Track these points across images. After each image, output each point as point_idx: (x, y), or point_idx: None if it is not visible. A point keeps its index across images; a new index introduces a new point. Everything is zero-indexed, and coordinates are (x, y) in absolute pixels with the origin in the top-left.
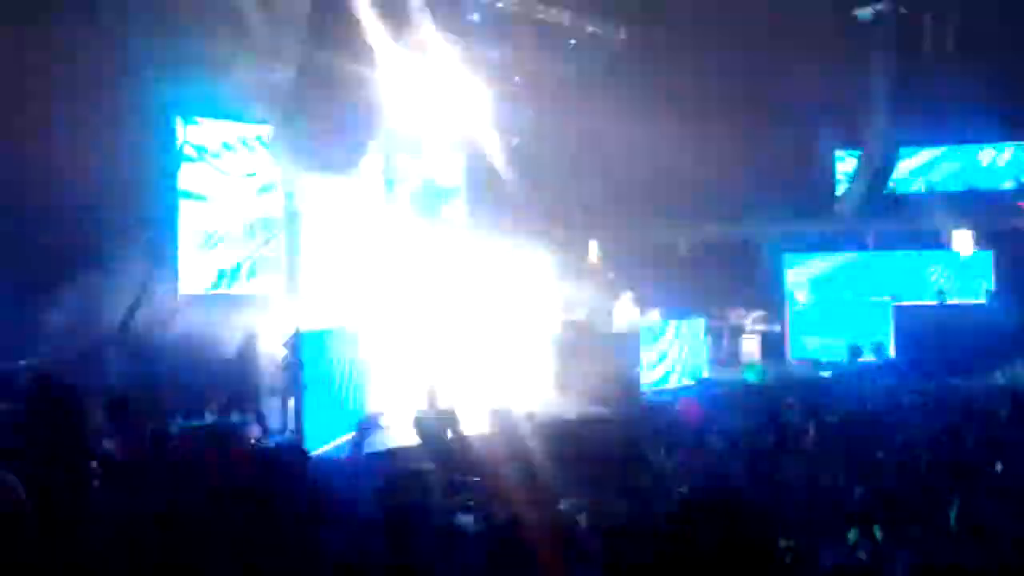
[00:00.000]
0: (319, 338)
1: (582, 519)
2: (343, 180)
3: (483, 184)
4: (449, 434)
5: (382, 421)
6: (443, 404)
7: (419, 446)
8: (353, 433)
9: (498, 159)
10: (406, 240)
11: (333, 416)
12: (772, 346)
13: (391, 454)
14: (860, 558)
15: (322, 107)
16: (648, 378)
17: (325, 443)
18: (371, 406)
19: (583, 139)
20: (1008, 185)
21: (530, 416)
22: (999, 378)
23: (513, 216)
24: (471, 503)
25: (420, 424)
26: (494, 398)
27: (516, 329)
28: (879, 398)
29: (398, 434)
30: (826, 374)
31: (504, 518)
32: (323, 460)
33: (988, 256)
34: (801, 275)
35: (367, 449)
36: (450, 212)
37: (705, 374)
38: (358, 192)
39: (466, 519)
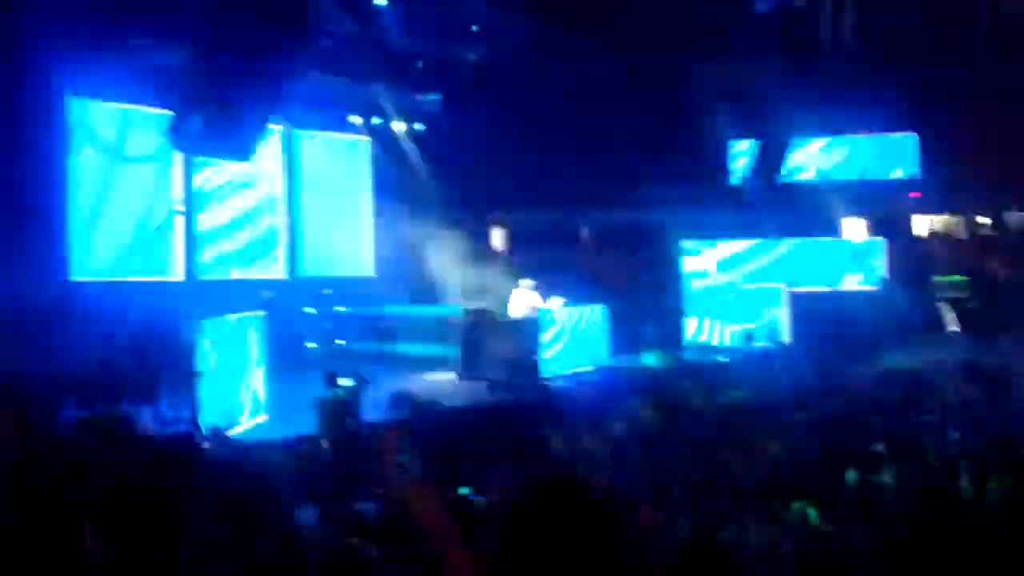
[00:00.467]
0: (220, 325)
1: (481, 504)
2: (241, 165)
3: (389, 170)
4: (348, 421)
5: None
6: (344, 390)
7: (319, 431)
8: (260, 417)
9: (404, 144)
10: (310, 224)
11: (234, 403)
12: (670, 331)
13: (292, 440)
14: (752, 537)
15: (219, 92)
16: (550, 364)
17: (227, 429)
18: (276, 392)
19: (487, 125)
20: (898, 174)
21: (432, 403)
22: (890, 363)
23: (419, 202)
24: (370, 490)
25: (320, 409)
26: (397, 384)
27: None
28: (774, 383)
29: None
30: (723, 359)
31: (402, 504)
32: (224, 446)
33: (880, 244)
34: (698, 262)
35: (268, 435)
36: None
37: (607, 359)
38: (258, 176)
39: (365, 506)
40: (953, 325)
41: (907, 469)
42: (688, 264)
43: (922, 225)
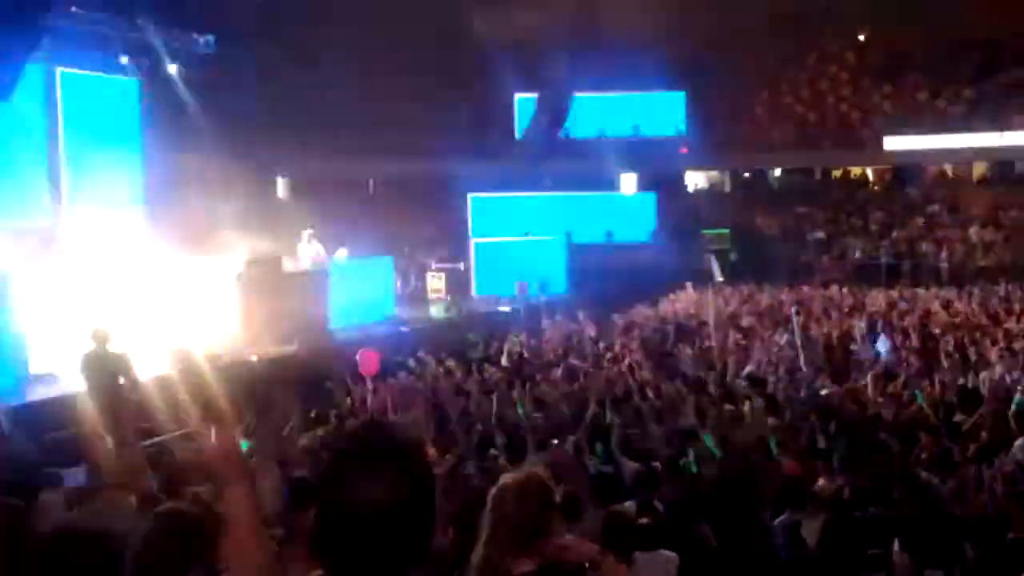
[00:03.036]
0: None
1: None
2: None
3: (163, 117)
4: (121, 379)
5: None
6: (114, 347)
7: (86, 392)
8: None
9: (179, 88)
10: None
11: None
12: (458, 283)
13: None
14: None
15: None
16: (336, 316)
17: None
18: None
19: (267, 69)
20: (670, 132)
21: (213, 357)
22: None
23: (195, 150)
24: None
25: (86, 368)
26: (174, 338)
27: (198, 267)
28: (554, 330)
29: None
30: (505, 309)
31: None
32: None
33: (651, 198)
34: (484, 214)
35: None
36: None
37: (393, 311)
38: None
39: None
40: (718, 275)
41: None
42: (474, 216)
43: (691, 180)
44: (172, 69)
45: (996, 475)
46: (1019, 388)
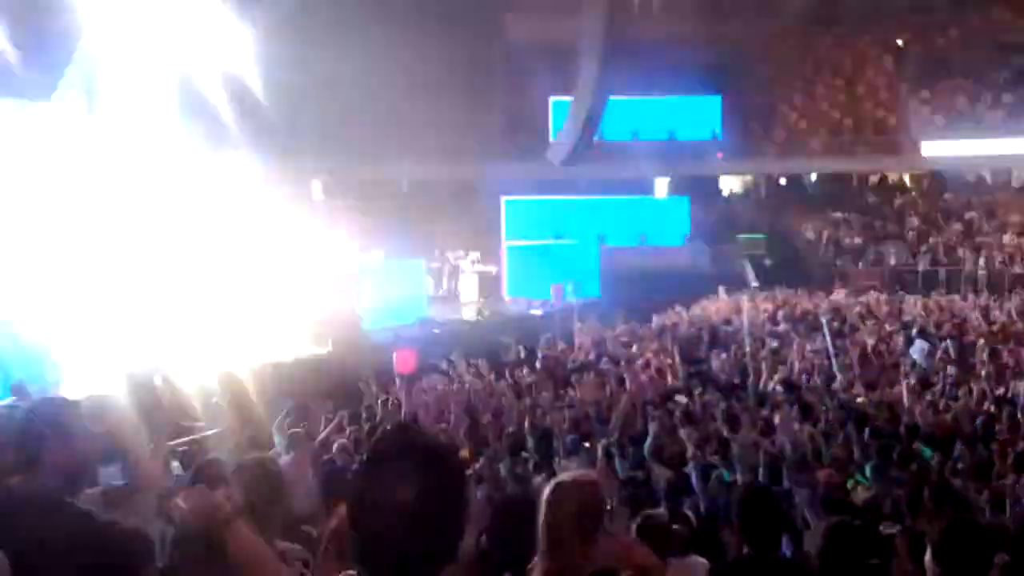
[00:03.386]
0: None
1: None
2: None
3: (199, 114)
4: (158, 381)
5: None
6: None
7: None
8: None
9: (213, 88)
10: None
11: None
12: (490, 285)
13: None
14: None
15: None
16: (369, 317)
17: None
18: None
19: (308, 74)
20: (705, 136)
21: (244, 359)
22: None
23: (233, 149)
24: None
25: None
26: (211, 343)
27: (236, 269)
28: (586, 334)
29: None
30: (536, 312)
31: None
32: None
33: (685, 202)
34: (517, 217)
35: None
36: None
37: (426, 313)
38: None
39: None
40: (753, 280)
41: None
42: (507, 219)
43: (726, 185)
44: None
45: None
46: None
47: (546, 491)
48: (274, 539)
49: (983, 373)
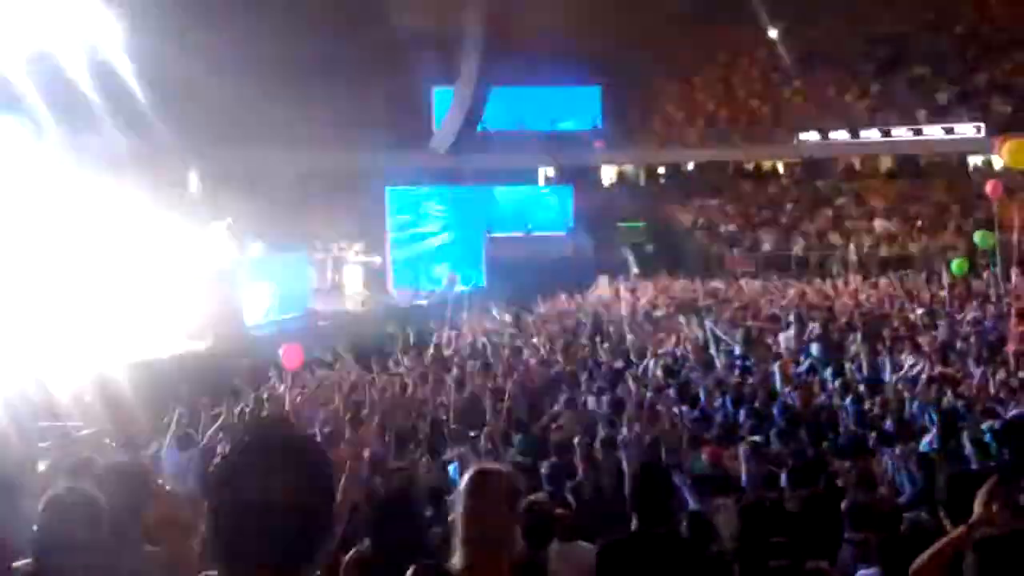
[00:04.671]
0: None
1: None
2: None
3: (63, 105)
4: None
5: None
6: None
7: None
8: None
9: (82, 78)
10: None
11: None
12: (375, 276)
13: None
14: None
15: None
16: (251, 311)
17: None
18: None
19: (180, 60)
20: (586, 126)
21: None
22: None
23: (101, 140)
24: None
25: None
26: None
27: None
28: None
29: None
30: (422, 302)
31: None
32: None
33: (568, 191)
34: (401, 207)
35: None
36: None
37: (309, 305)
38: None
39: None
40: (634, 267)
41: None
42: (391, 209)
43: (606, 174)
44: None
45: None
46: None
47: (467, 480)
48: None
49: (852, 352)
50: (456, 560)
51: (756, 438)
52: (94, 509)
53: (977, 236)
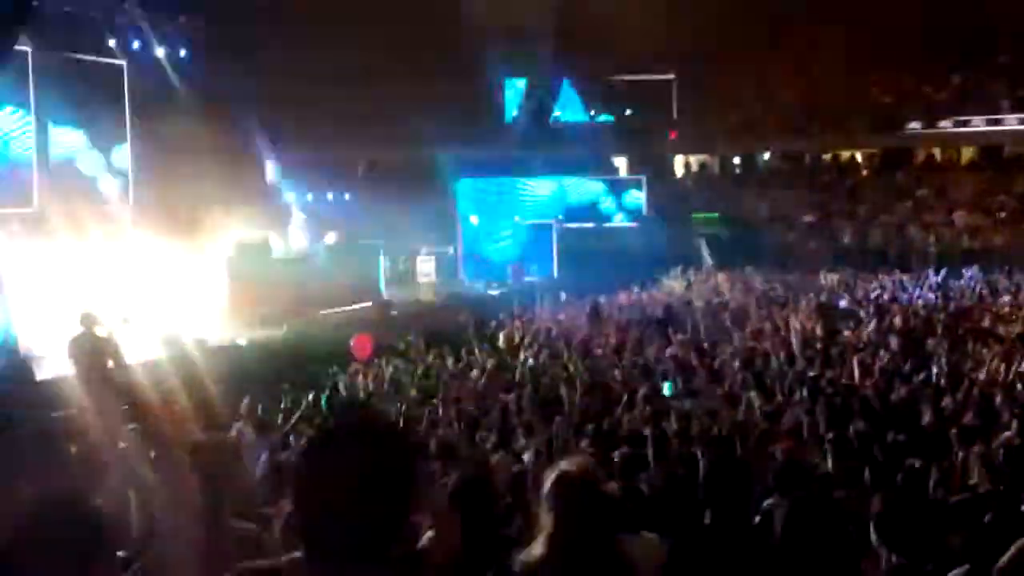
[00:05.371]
0: None
1: (251, 440)
2: None
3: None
4: (110, 363)
5: (34, 350)
6: (101, 330)
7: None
8: None
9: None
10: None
11: None
12: (446, 267)
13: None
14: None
15: None
16: (326, 299)
17: None
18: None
19: (256, 53)
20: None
21: (200, 341)
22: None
23: (183, 135)
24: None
25: (75, 351)
26: (164, 323)
27: (184, 251)
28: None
29: (54, 365)
30: (494, 292)
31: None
32: None
33: (641, 182)
34: (474, 199)
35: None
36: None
37: (381, 294)
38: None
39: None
40: (708, 259)
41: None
42: (463, 200)
43: (680, 164)
44: (159, 52)
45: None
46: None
47: (552, 481)
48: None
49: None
50: (536, 550)
51: (832, 433)
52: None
53: None
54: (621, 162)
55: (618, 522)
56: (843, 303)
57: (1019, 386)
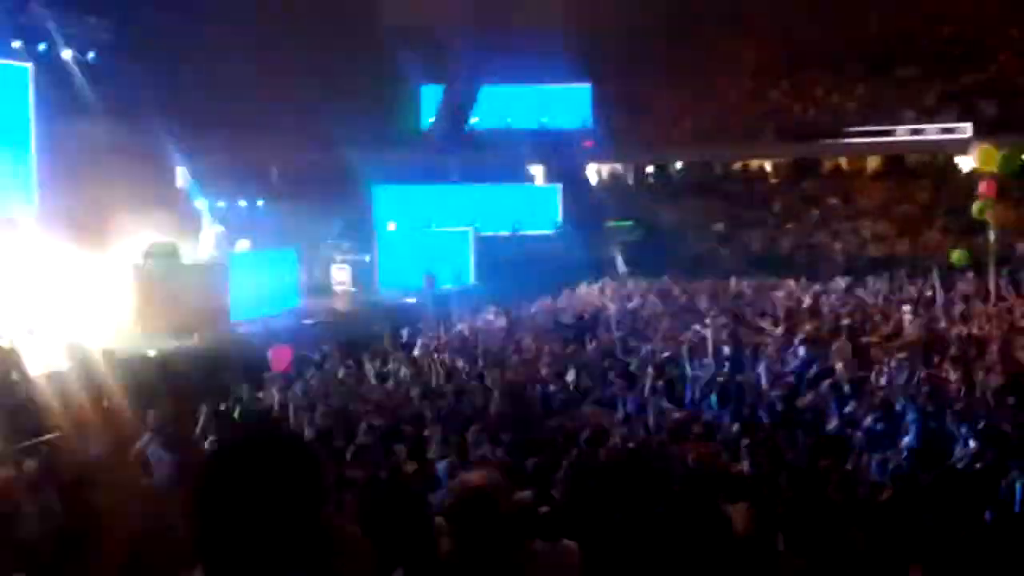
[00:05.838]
0: None
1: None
2: None
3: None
4: (13, 374)
5: None
6: (4, 341)
7: None
8: None
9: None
10: None
11: None
12: (363, 275)
13: None
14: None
15: None
16: (238, 308)
17: None
18: None
19: (167, 57)
20: (575, 125)
21: (108, 352)
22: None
23: (91, 138)
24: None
25: None
26: (69, 333)
27: (94, 259)
28: (463, 318)
29: None
30: (411, 300)
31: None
32: None
33: (556, 190)
34: (389, 206)
35: None
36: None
37: (297, 304)
38: None
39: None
40: (622, 266)
41: None
42: (379, 207)
43: (594, 173)
44: (67, 54)
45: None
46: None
47: (451, 492)
48: None
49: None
50: (442, 548)
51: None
52: None
53: (954, 255)
54: (538, 170)
55: (529, 530)
56: (752, 310)
57: (921, 391)
